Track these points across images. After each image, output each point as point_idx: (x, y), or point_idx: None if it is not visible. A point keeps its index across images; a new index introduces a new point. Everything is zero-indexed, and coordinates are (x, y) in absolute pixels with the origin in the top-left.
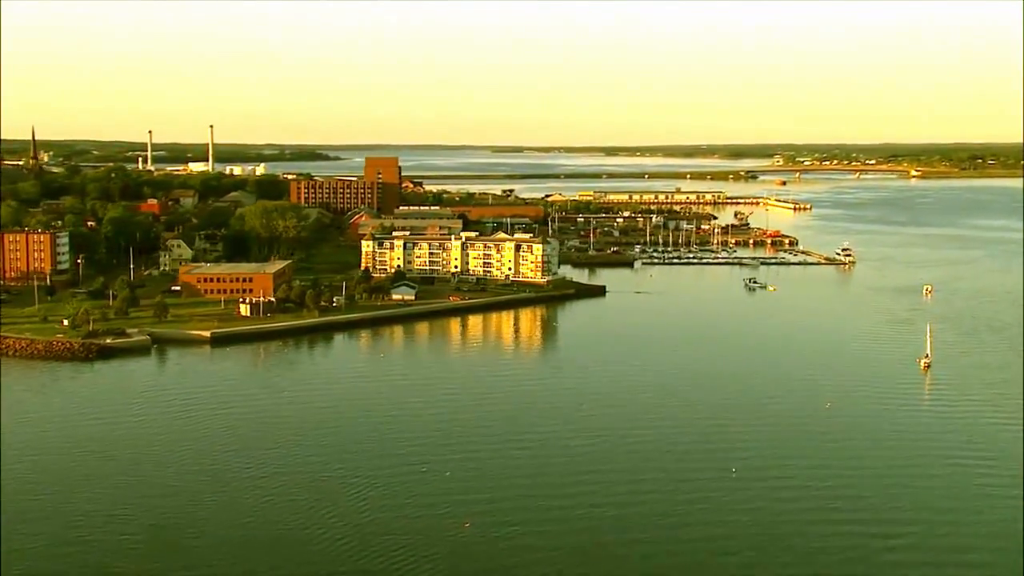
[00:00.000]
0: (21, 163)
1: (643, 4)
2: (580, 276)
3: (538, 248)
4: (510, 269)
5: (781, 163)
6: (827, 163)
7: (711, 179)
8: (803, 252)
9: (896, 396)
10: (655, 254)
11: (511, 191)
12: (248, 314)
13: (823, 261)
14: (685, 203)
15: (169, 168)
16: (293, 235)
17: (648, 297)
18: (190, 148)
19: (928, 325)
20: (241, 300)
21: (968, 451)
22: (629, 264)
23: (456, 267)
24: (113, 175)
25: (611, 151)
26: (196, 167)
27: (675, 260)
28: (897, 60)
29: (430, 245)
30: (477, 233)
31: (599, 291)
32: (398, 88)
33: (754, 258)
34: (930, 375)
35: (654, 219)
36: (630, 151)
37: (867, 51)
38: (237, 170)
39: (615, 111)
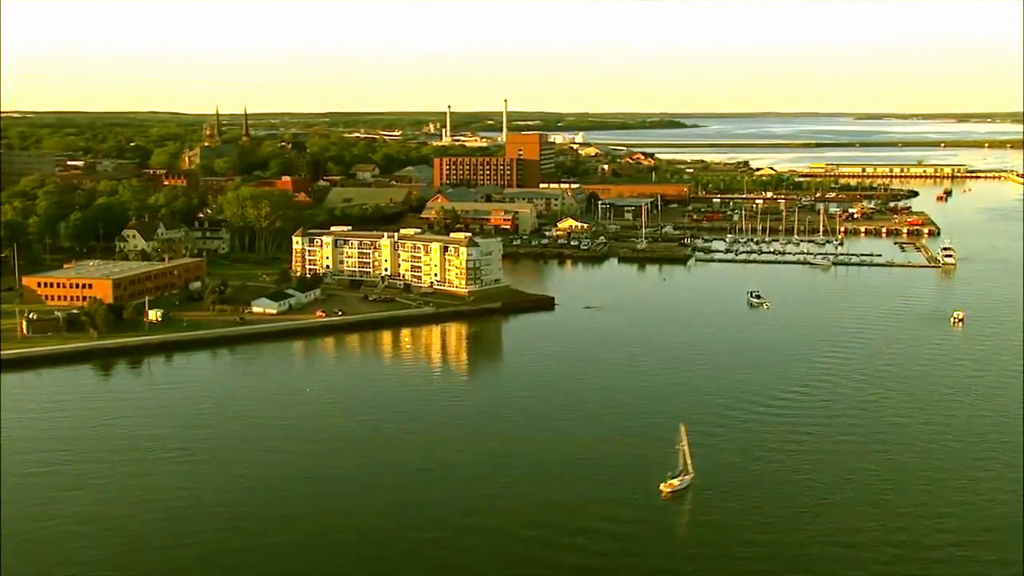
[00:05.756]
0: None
1: None
2: (628, 272)
3: (464, 251)
4: (435, 275)
5: None
6: None
7: (1010, 148)
8: (917, 249)
9: None
10: (733, 246)
11: (744, 163)
12: (27, 333)
13: (925, 262)
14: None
15: (463, 137)
16: (266, 225)
17: (597, 316)
18: (555, 116)
19: (682, 426)
20: (23, 316)
21: None
22: (683, 261)
23: (387, 269)
24: (292, 152)
25: (963, 117)
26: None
27: (742, 256)
28: None
29: (360, 244)
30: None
31: (544, 305)
32: (764, 55)
33: (826, 256)
34: (687, 498)
35: (800, 200)
36: (981, 117)
37: None
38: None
39: (967, 77)
